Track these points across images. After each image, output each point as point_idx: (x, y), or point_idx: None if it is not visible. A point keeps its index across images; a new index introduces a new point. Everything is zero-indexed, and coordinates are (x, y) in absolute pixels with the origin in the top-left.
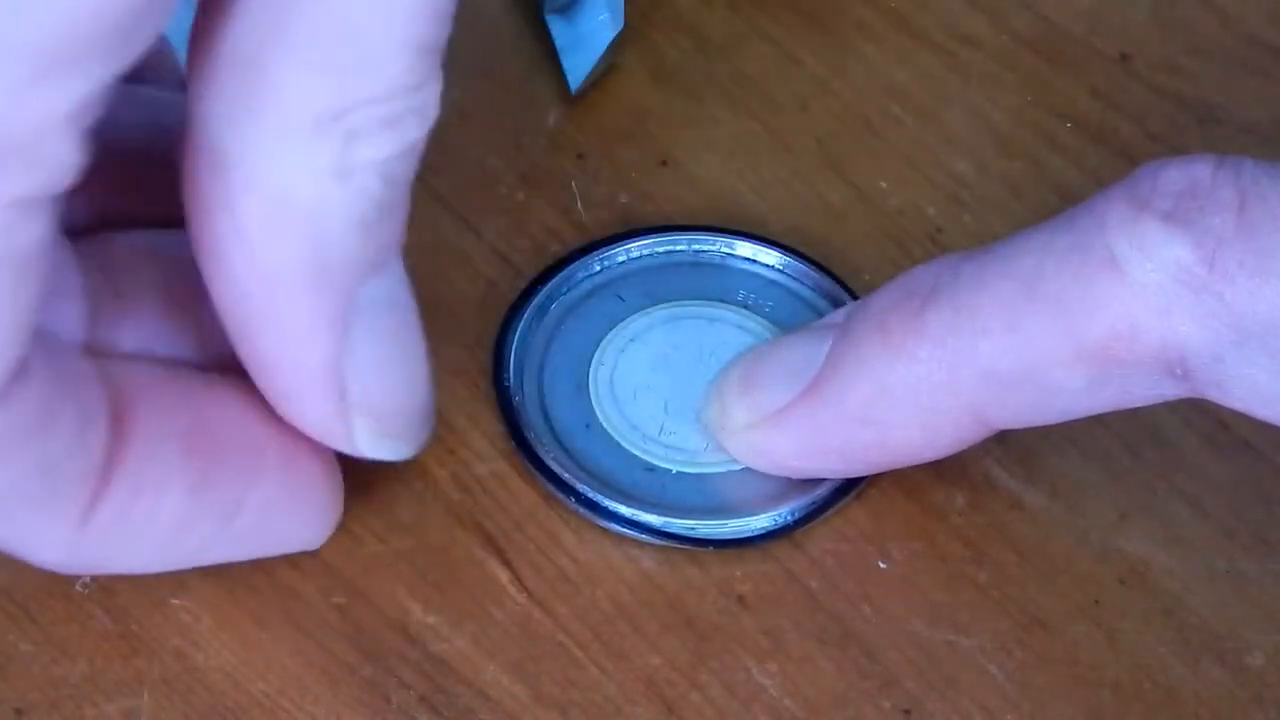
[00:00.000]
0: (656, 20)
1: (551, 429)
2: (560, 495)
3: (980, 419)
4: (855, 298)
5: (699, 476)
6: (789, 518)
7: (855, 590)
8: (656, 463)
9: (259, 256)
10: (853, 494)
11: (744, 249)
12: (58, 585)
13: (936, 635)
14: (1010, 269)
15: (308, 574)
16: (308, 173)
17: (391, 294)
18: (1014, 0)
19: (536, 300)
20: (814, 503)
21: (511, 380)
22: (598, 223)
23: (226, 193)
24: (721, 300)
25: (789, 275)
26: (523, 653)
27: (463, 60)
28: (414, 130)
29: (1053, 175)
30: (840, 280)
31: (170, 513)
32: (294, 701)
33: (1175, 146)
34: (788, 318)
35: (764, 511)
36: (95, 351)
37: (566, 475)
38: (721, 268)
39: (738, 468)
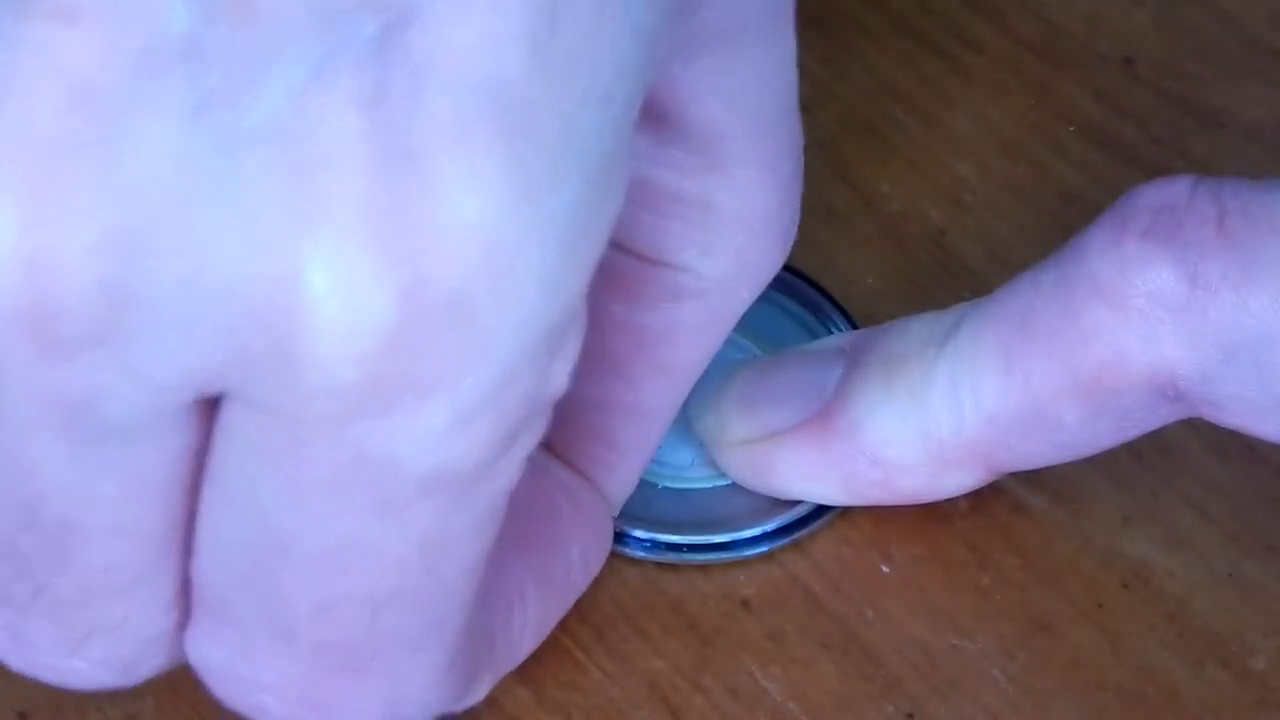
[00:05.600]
0: None
1: None
2: None
3: (987, 465)
4: (844, 312)
5: (685, 491)
6: (776, 533)
7: (858, 594)
8: (643, 476)
9: (684, 355)
10: (834, 512)
11: None
12: None
13: (939, 639)
14: (1005, 311)
15: None
16: None
17: None
18: (1016, 3)
19: None
20: (798, 518)
21: None
22: None
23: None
24: None
25: (775, 290)
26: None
27: None
28: None
29: (1056, 179)
30: (828, 294)
31: (534, 618)
32: None
33: (1178, 150)
34: (773, 334)
35: (749, 527)
36: None
37: None
38: None
39: (724, 483)
